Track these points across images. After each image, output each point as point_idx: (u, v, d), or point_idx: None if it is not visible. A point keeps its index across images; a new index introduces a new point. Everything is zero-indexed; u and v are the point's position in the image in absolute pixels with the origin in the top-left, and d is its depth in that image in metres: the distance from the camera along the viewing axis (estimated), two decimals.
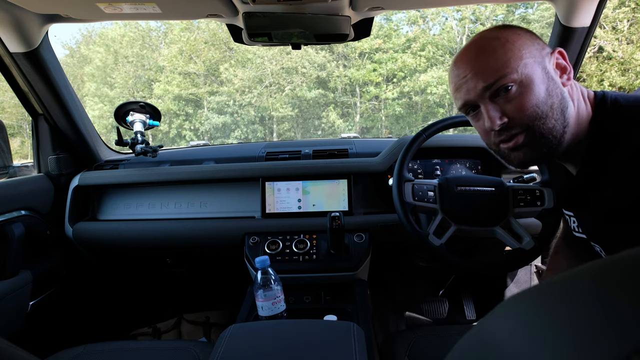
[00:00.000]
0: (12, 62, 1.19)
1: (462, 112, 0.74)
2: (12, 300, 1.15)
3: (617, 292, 0.18)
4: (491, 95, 0.66)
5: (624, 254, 0.19)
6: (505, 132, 0.66)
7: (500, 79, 0.63)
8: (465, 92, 0.68)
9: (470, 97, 0.68)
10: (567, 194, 0.80)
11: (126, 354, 0.95)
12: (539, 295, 0.21)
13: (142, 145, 1.36)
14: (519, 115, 0.64)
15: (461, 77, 0.68)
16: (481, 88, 0.65)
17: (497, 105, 0.66)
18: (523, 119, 0.64)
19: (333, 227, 1.10)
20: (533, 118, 0.63)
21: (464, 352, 0.27)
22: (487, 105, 0.66)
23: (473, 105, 0.70)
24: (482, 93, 0.66)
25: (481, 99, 0.67)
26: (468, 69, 0.67)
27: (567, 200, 0.81)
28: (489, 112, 0.66)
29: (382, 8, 1.10)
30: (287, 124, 14.28)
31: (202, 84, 14.40)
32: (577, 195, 0.74)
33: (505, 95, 0.64)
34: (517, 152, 0.68)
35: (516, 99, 0.63)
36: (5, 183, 1.20)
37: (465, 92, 0.68)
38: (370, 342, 0.85)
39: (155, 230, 1.31)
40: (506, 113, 0.65)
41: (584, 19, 1.08)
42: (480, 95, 0.66)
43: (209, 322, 1.78)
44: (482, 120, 0.69)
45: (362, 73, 13.45)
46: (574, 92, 0.67)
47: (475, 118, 0.72)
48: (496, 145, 0.70)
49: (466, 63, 0.67)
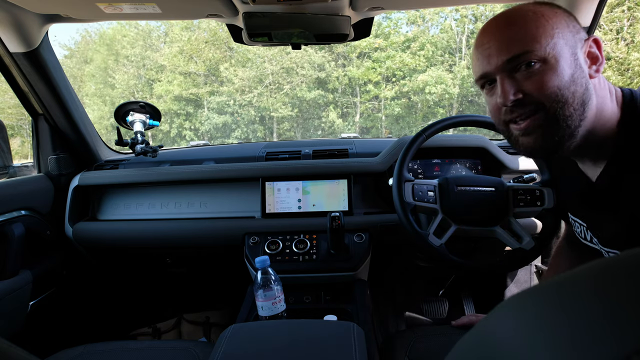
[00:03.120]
0: (12, 62, 1.19)
1: (478, 84, 0.69)
2: (12, 300, 1.15)
3: (617, 292, 0.18)
4: (511, 69, 0.61)
5: (624, 254, 0.19)
6: (517, 109, 0.62)
7: (526, 53, 0.59)
8: (486, 62, 0.63)
9: (490, 68, 0.63)
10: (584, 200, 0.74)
11: (126, 354, 0.95)
12: (539, 296, 0.21)
13: (142, 145, 1.36)
14: (537, 93, 0.60)
15: (484, 46, 0.63)
16: (504, 60, 0.61)
17: (515, 80, 0.61)
18: (540, 97, 0.60)
19: (333, 227, 1.10)
20: (551, 99, 0.59)
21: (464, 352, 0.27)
22: (504, 78, 0.62)
23: (490, 78, 0.65)
24: (502, 65, 0.61)
25: (500, 71, 0.62)
26: (493, 38, 0.62)
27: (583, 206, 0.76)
28: (504, 85, 0.62)
29: (382, 8, 1.10)
30: (287, 124, 14.28)
31: (202, 83, 14.41)
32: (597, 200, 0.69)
33: (526, 71, 0.60)
34: (527, 137, 0.63)
35: (537, 76, 0.59)
36: (5, 183, 1.20)
37: (486, 62, 0.63)
38: (370, 342, 0.85)
39: (155, 230, 1.31)
40: (523, 89, 0.61)
41: (584, 19, 1.08)
42: (499, 67, 0.62)
43: (209, 322, 1.78)
44: (495, 95, 0.64)
45: (361, 72, 13.45)
46: (600, 87, 0.63)
47: (489, 92, 0.67)
48: (505, 124, 0.66)
49: (492, 33, 0.63)
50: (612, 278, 0.19)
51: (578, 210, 0.79)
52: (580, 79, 0.60)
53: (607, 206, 0.67)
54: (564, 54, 0.59)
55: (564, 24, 0.60)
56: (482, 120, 1.08)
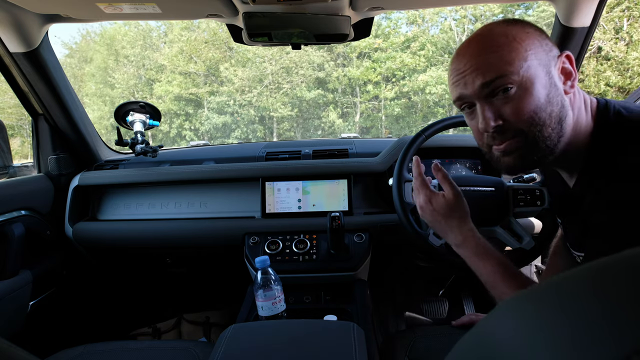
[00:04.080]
0: (12, 62, 1.19)
1: (457, 106, 0.71)
2: (12, 300, 1.15)
3: (617, 292, 0.18)
4: (488, 95, 0.63)
5: (623, 255, 0.19)
6: (498, 135, 0.64)
7: (501, 77, 0.60)
8: (463, 86, 0.65)
9: (467, 92, 0.65)
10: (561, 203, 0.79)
11: (126, 354, 0.95)
12: (538, 296, 0.21)
13: (142, 145, 1.36)
14: (515, 119, 0.61)
15: (460, 70, 0.65)
16: (479, 84, 0.62)
17: (493, 106, 0.63)
18: (519, 123, 0.61)
19: (333, 227, 1.10)
20: (529, 124, 0.61)
21: (464, 352, 0.27)
22: (483, 105, 0.64)
23: (469, 101, 0.67)
24: (479, 90, 0.63)
25: (477, 96, 0.64)
26: (469, 62, 0.63)
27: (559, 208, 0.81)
28: (484, 112, 0.63)
29: (382, 8, 1.10)
30: (287, 124, 14.29)
31: (202, 83, 14.41)
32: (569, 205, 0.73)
33: (504, 96, 0.61)
34: (507, 157, 0.66)
35: (514, 102, 0.61)
36: (5, 183, 1.20)
37: (463, 85, 0.65)
38: (370, 342, 0.85)
39: (155, 230, 1.31)
40: (502, 115, 0.62)
41: (584, 19, 1.08)
42: (476, 93, 0.63)
43: (209, 322, 1.78)
44: (475, 119, 0.67)
45: (361, 72, 13.46)
46: (575, 100, 0.64)
47: (470, 116, 0.69)
48: (488, 147, 0.68)
49: (468, 56, 0.64)
50: (612, 278, 0.19)
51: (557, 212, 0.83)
52: (555, 98, 0.61)
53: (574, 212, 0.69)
54: (539, 75, 0.60)
55: (537, 44, 0.62)
56: None
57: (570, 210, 0.74)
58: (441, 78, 12.26)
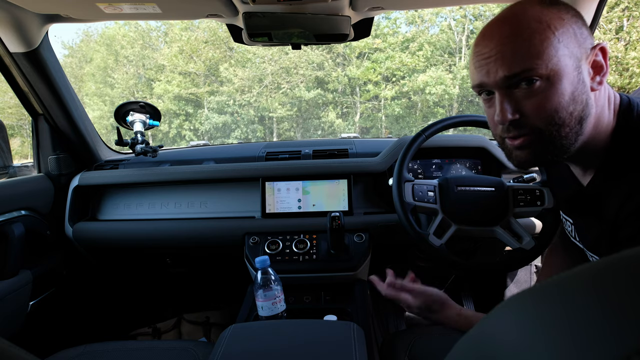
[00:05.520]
0: (12, 62, 1.19)
1: (475, 90, 0.67)
2: (12, 300, 1.15)
3: (617, 292, 0.18)
4: (510, 85, 0.59)
5: (624, 254, 0.19)
6: (513, 129, 0.61)
7: (527, 71, 0.56)
8: (485, 74, 0.60)
9: (488, 81, 0.61)
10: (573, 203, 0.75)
11: (126, 354, 0.95)
12: (539, 295, 0.21)
13: (142, 145, 1.36)
14: (534, 116, 0.58)
15: (485, 55, 0.60)
16: (502, 76, 0.58)
17: (514, 98, 0.59)
18: (537, 121, 0.58)
19: (333, 227, 1.10)
20: (548, 122, 0.58)
21: (464, 352, 0.27)
22: (503, 95, 0.60)
23: (487, 89, 0.63)
24: (501, 81, 0.59)
25: (498, 86, 0.60)
26: (495, 48, 0.58)
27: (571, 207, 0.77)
28: (503, 104, 0.60)
29: (382, 8, 1.10)
30: (287, 124, 14.28)
31: (202, 83, 14.41)
32: (584, 205, 0.70)
33: (527, 89, 0.57)
34: (520, 151, 0.63)
35: (537, 97, 0.57)
36: (5, 183, 1.20)
37: (485, 73, 0.60)
38: (370, 342, 0.85)
39: (155, 230, 1.31)
40: (521, 109, 0.59)
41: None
42: (498, 83, 0.59)
43: (209, 322, 1.78)
44: (493, 108, 0.63)
45: (360, 72, 13.45)
46: (600, 97, 0.61)
47: (487, 103, 0.66)
48: (501, 138, 0.65)
49: (496, 40, 0.58)
50: (613, 278, 0.19)
51: (566, 210, 0.80)
52: (580, 96, 0.57)
53: (593, 212, 0.66)
54: (567, 70, 0.56)
55: (571, 33, 0.56)
56: (482, 120, 1.08)
57: (586, 210, 0.70)
58: (441, 78, 12.26)
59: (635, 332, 0.15)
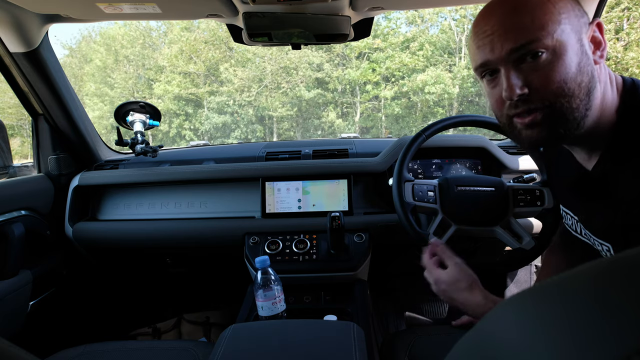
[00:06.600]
0: (12, 62, 1.19)
1: (477, 73, 0.65)
2: (12, 300, 1.15)
3: (618, 292, 0.18)
4: (516, 60, 0.58)
5: (624, 254, 0.19)
6: (522, 104, 0.59)
7: (533, 42, 0.56)
8: (489, 51, 0.59)
9: (492, 57, 0.59)
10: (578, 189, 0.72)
11: (126, 354, 0.95)
12: (539, 295, 0.21)
13: (142, 145, 1.36)
14: (543, 89, 0.57)
15: (488, 32, 0.59)
16: (508, 50, 0.57)
17: (521, 72, 0.58)
18: (547, 93, 0.57)
19: (333, 227, 1.10)
20: (558, 94, 0.57)
21: (464, 352, 0.27)
22: (509, 70, 0.59)
23: (492, 68, 0.61)
24: (507, 55, 0.58)
25: (504, 62, 0.59)
26: (497, 24, 0.58)
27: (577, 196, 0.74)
28: (510, 78, 0.58)
29: (382, 8, 1.10)
30: (287, 124, 14.29)
31: (202, 83, 14.42)
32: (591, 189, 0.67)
33: (533, 63, 0.57)
34: (530, 130, 0.61)
35: (544, 69, 0.56)
36: (5, 183, 1.20)
37: (489, 50, 0.59)
38: (370, 342, 0.85)
39: (155, 230, 1.31)
40: (529, 83, 0.58)
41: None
42: (503, 58, 0.58)
43: (209, 322, 1.78)
44: (498, 87, 0.61)
45: (360, 72, 13.46)
46: (602, 73, 0.60)
47: (490, 83, 0.64)
48: (508, 118, 0.63)
49: (497, 16, 0.58)
50: (613, 278, 0.19)
51: (570, 201, 0.78)
52: (586, 67, 0.57)
53: (601, 195, 0.65)
54: (571, 41, 0.56)
55: (570, 8, 0.57)
56: (482, 120, 1.08)
57: (593, 195, 0.67)
58: (441, 78, 12.26)
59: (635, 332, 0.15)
